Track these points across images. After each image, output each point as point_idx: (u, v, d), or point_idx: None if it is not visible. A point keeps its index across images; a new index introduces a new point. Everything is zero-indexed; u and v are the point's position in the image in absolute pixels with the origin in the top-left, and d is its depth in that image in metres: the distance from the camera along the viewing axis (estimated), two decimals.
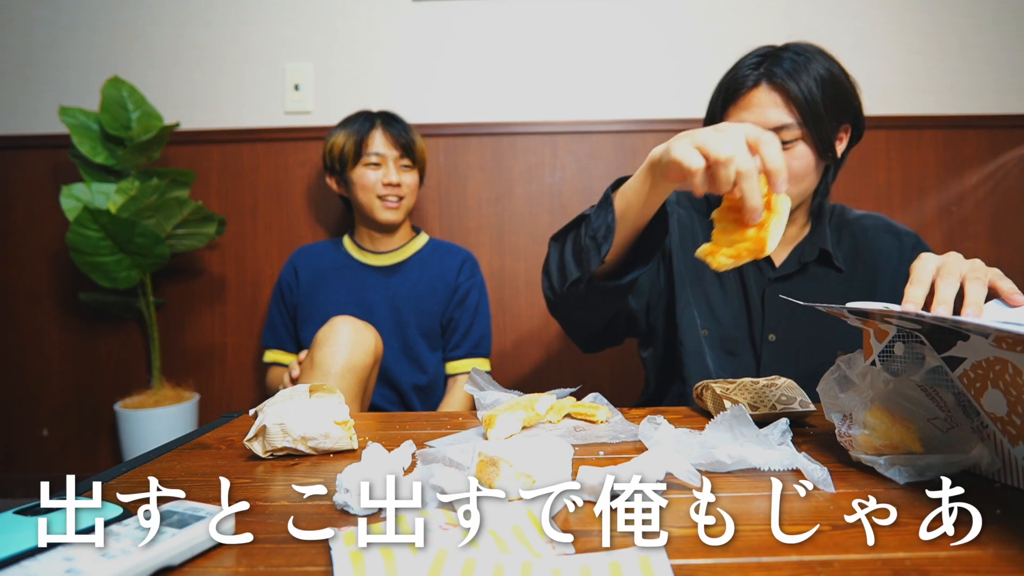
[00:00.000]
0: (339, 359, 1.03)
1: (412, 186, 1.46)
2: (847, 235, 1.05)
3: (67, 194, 1.51)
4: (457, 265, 1.48)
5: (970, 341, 0.52)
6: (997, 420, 0.51)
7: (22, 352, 1.76)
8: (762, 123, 0.92)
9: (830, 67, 0.95)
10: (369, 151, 1.41)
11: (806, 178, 0.96)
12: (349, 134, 1.42)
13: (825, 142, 0.94)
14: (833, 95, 0.93)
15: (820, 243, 1.00)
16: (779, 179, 0.61)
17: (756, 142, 0.62)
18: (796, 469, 0.56)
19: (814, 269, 1.01)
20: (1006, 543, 0.41)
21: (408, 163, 1.45)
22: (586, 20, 1.72)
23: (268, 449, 0.64)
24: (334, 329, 1.06)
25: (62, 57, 1.74)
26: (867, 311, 0.56)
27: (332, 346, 1.04)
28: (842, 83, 0.96)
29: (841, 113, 0.96)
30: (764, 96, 0.93)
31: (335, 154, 1.43)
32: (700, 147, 0.63)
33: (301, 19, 1.73)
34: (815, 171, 0.96)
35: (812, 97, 0.91)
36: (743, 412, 0.59)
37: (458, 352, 1.46)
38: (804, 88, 0.91)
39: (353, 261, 1.47)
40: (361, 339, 1.07)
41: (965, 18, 1.70)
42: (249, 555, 0.42)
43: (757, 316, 1.01)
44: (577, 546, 0.42)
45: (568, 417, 0.77)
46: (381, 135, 1.42)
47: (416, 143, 1.46)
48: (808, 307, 0.64)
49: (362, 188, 1.42)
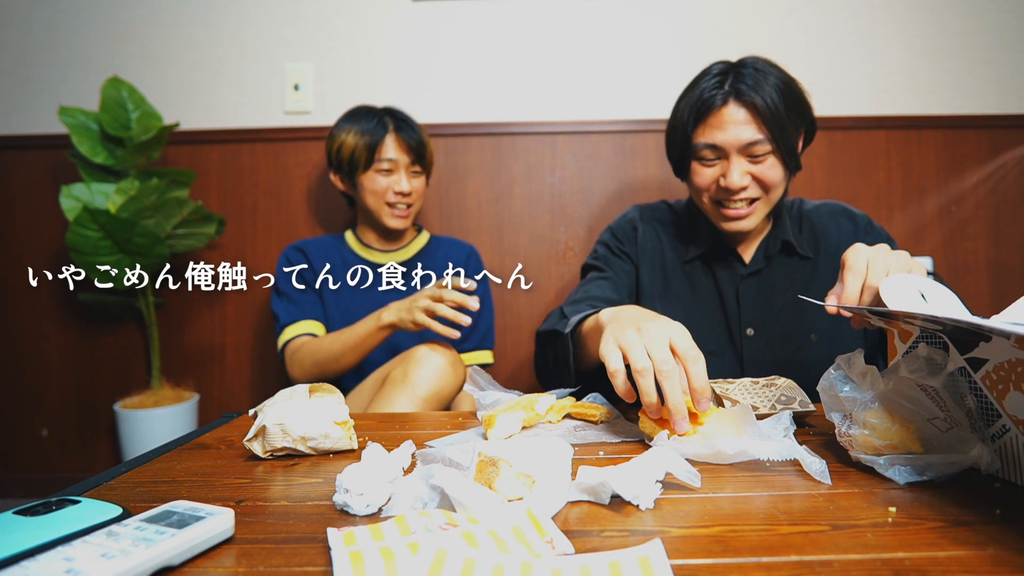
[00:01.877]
0: (432, 384, 1.05)
1: (420, 191, 1.46)
2: (807, 225, 1.08)
3: (67, 194, 1.51)
4: (463, 258, 1.49)
5: (992, 342, 0.51)
6: (1020, 423, 0.51)
7: (22, 352, 1.76)
8: (734, 141, 0.95)
9: (783, 76, 0.98)
10: (382, 157, 1.38)
11: (779, 187, 0.99)
12: (360, 136, 1.38)
13: (791, 151, 0.98)
14: (791, 103, 0.96)
15: (782, 236, 1.04)
16: (703, 399, 0.62)
17: (684, 358, 0.63)
18: (796, 465, 0.56)
19: (781, 260, 1.05)
20: (1006, 543, 0.41)
21: (418, 169, 1.44)
22: (586, 20, 1.72)
23: (268, 449, 0.64)
24: (435, 352, 1.08)
25: (62, 57, 1.74)
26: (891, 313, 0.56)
27: (430, 368, 1.06)
28: (796, 90, 0.99)
29: (799, 119, 0.99)
30: (734, 113, 0.95)
31: (344, 155, 1.40)
32: (621, 348, 0.65)
33: (301, 19, 1.73)
34: (785, 179, 1.00)
35: (777, 109, 0.94)
36: (748, 409, 0.59)
37: (467, 345, 1.45)
38: (769, 101, 0.94)
39: (359, 259, 1.46)
40: (456, 372, 1.09)
41: (965, 18, 1.70)
42: (249, 555, 0.42)
43: (733, 313, 1.04)
44: (577, 546, 0.42)
45: (568, 417, 0.77)
46: (394, 141, 1.39)
47: (427, 146, 1.45)
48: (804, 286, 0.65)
49: (372, 193, 1.40)
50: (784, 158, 0.96)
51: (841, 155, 1.69)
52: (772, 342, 1.02)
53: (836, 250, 1.04)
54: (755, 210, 0.99)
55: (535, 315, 1.71)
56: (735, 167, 0.96)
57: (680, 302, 1.06)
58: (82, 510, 0.45)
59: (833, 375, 0.57)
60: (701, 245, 1.06)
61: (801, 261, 1.04)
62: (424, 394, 1.05)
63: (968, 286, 1.70)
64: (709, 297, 1.05)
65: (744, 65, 0.98)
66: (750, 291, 1.04)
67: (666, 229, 1.12)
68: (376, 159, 1.38)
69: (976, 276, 1.71)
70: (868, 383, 0.56)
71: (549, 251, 1.72)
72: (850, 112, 1.70)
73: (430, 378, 1.05)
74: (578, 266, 1.72)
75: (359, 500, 0.48)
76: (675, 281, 1.07)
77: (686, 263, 1.07)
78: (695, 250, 1.07)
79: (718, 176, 0.98)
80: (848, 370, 0.57)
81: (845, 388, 0.57)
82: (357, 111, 1.43)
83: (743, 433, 0.59)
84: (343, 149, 1.40)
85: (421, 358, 1.07)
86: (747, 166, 0.96)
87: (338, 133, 1.41)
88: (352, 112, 1.43)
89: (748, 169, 0.96)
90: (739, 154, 0.96)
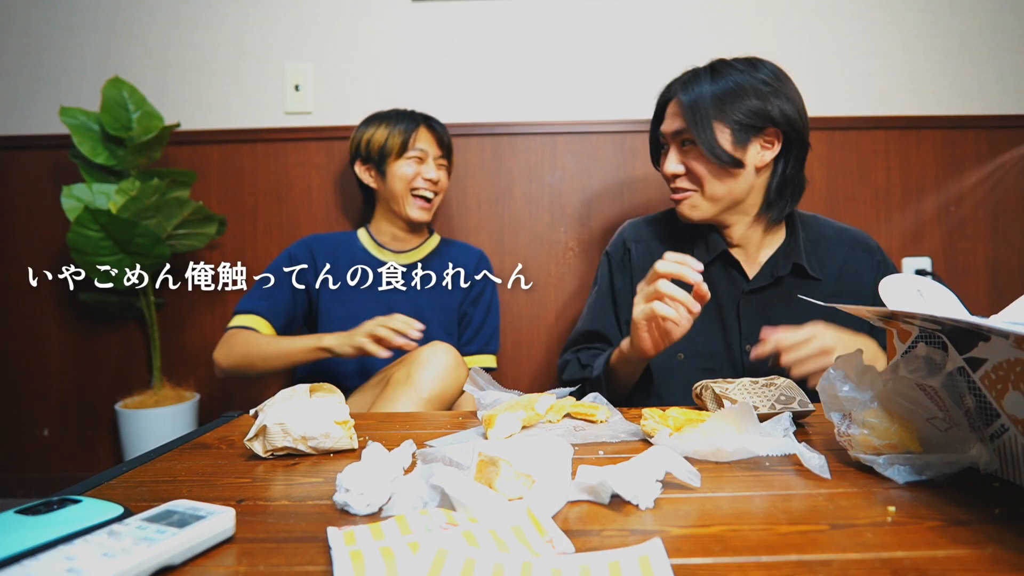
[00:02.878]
0: (436, 385, 1.06)
1: (445, 185, 1.49)
2: (823, 247, 1.09)
3: (68, 194, 1.51)
4: (474, 262, 1.50)
5: (991, 342, 0.51)
6: (1018, 422, 0.51)
7: (23, 352, 1.76)
8: (668, 130, 1.06)
9: (741, 79, 1.00)
10: (415, 146, 1.43)
11: (712, 182, 1.03)
12: (393, 126, 1.43)
13: (712, 144, 1.00)
14: (729, 99, 0.99)
15: (794, 258, 1.04)
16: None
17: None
18: (796, 464, 0.56)
19: (789, 281, 1.05)
20: (1004, 542, 0.41)
21: (445, 163, 1.48)
22: (586, 20, 1.72)
23: (268, 449, 0.64)
24: (438, 354, 1.09)
25: (62, 58, 1.74)
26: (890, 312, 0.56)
27: (433, 370, 1.07)
28: (747, 89, 1.00)
29: (740, 115, 0.99)
30: (673, 106, 1.05)
31: (375, 145, 1.44)
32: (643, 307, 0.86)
33: (301, 19, 1.73)
34: (721, 173, 1.02)
35: (700, 104, 1.00)
36: (749, 408, 0.60)
37: (471, 348, 1.46)
38: (696, 96, 1.01)
39: (372, 258, 1.46)
40: (459, 373, 1.10)
41: (965, 19, 1.70)
42: (249, 555, 0.42)
43: (733, 330, 1.06)
44: (577, 546, 0.42)
45: (568, 417, 0.77)
46: (427, 132, 1.45)
47: (452, 146, 1.50)
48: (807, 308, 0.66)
49: (400, 179, 1.42)
50: (707, 150, 1.00)
51: (840, 155, 1.69)
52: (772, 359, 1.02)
53: (847, 277, 1.06)
54: (691, 199, 1.05)
55: (535, 315, 1.72)
56: (670, 155, 1.06)
57: None
58: (83, 509, 0.45)
59: (832, 375, 0.57)
60: (702, 256, 1.07)
61: (811, 283, 1.04)
62: (427, 395, 1.05)
63: (967, 286, 1.70)
64: (709, 315, 1.05)
65: (708, 66, 1.05)
66: (751, 308, 1.05)
67: (663, 244, 1.14)
68: (409, 147, 1.42)
69: (975, 276, 1.71)
70: (867, 383, 0.56)
71: (549, 251, 1.72)
72: (849, 112, 1.70)
73: (433, 380, 1.06)
74: (578, 266, 1.72)
75: (359, 499, 0.48)
76: None
77: None
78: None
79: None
80: (847, 370, 0.57)
81: (844, 388, 0.57)
82: (386, 111, 1.48)
83: (744, 432, 0.60)
84: (374, 140, 1.44)
85: (424, 360, 1.08)
86: (678, 154, 1.05)
87: (366, 128, 1.46)
88: (380, 112, 1.48)
89: (681, 159, 1.05)
90: (673, 142, 1.06)
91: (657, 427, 0.64)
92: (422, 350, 1.11)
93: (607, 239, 1.71)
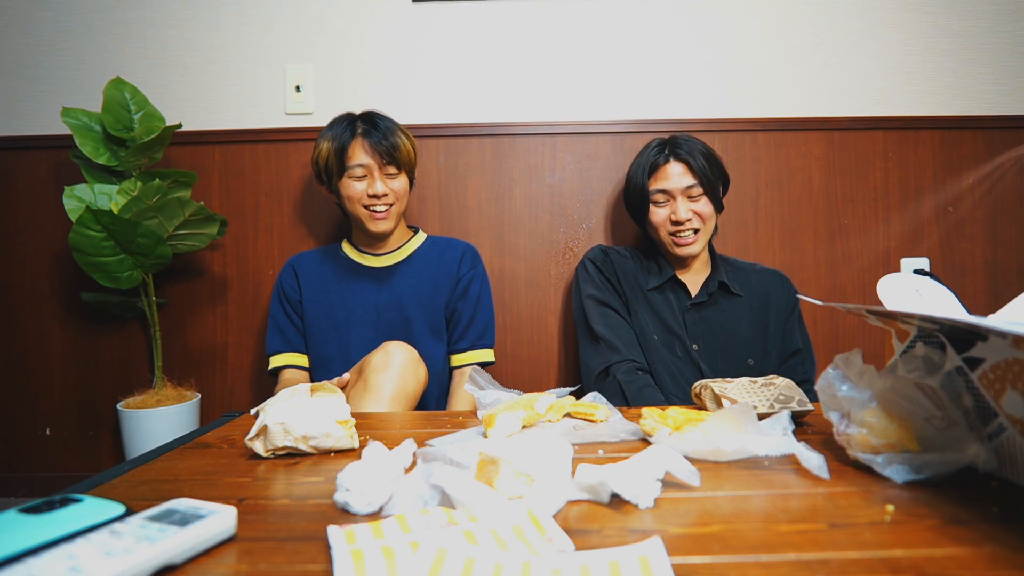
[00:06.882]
0: (395, 385, 1.09)
1: (400, 191, 1.41)
2: (739, 273, 1.42)
3: (69, 195, 1.51)
4: (457, 257, 1.48)
5: (989, 342, 0.51)
6: (1016, 422, 0.51)
7: (24, 352, 1.76)
8: (678, 186, 1.34)
9: (703, 146, 1.37)
10: (352, 163, 1.36)
11: (711, 219, 1.36)
12: (331, 143, 1.38)
13: (716, 194, 1.37)
14: (712, 162, 1.36)
15: (719, 278, 1.38)
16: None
17: None
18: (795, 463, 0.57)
19: (719, 296, 1.38)
20: (1002, 541, 0.41)
21: (393, 170, 1.40)
22: (585, 21, 1.72)
23: (269, 448, 0.64)
24: (389, 355, 1.11)
25: (64, 58, 1.74)
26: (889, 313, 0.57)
27: (388, 372, 1.09)
28: (715, 155, 1.38)
29: (718, 173, 1.38)
30: (675, 167, 1.35)
31: (321, 165, 1.40)
32: None
33: (302, 20, 1.74)
34: (714, 214, 1.37)
35: (703, 164, 1.33)
36: (748, 407, 0.60)
37: (462, 344, 1.45)
38: (698, 157, 1.33)
39: (355, 264, 1.46)
40: (415, 368, 1.13)
41: (963, 20, 1.70)
42: (250, 553, 0.42)
43: (682, 333, 1.35)
44: (577, 545, 0.42)
45: (568, 416, 0.78)
46: (361, 144, 1.37)
47: (400, 147, 1.39)
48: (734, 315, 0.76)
49: (348, 199, 1.39)
50: (711, 198, 1.35)
51: (839, 155, 1.69)
52: (714, 356, 1.33)
53: (761, 294, 1.38)
54: (698, 238, 1.35)
55: (535, 315, 1.72)
56: (680, 205, 1.33)
57: (649, 317, 1.37)
58: (85, 508, 0.45)
59: (831, 374, 0.58)
60: (659, 278, 1.39)
61: (736, 299, 1.37)
62: (390, 395, 1.08)
63: (965, 286, 1.70)
64: (666, 317, 1.36)
65: (675, 138, 1.38)
66: (694, 318, 1.36)
67: (628, 264, 1.43)
68: (347, 165, 1.37)
69: (973, 276, 1.71)
70: (866, 382, 0.56)
71: (549, 251, 1.72)
72: (848, 113, 1.70)
73: (390, 381, 1.09)
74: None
75: (360, 499, 0.48)
76: (641, 302, 1.38)
77: (649, 290, 1.38)
78: (655, 280, 1.39)
79: (669, 214, 1.35)
80: (846, 369, 0.58)
81: (843, 387, 0.57)
82: (335, 119, 1.43)
83: (743, 431, 0.60)
84: (320, 159, 1.40)
85: (376, 365, 1.11)
86: (688, 204, 1.34)
87: (319, 142, 1.41)
88: (332, 120, 1.43)
89: (689, 206, 1.33)
90: (682, 195, 1.34)
91: (657, 426, 0.64)
92: (373, 355, 1.13)
93: (607, 239, 1.71)
